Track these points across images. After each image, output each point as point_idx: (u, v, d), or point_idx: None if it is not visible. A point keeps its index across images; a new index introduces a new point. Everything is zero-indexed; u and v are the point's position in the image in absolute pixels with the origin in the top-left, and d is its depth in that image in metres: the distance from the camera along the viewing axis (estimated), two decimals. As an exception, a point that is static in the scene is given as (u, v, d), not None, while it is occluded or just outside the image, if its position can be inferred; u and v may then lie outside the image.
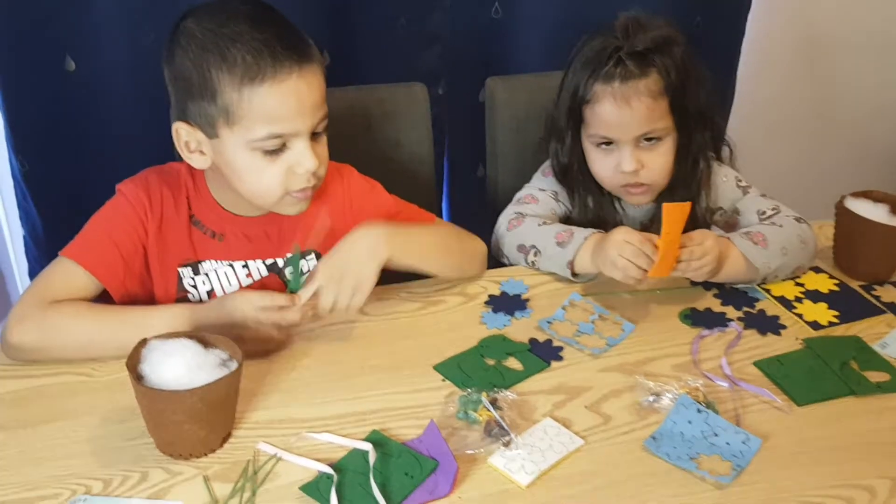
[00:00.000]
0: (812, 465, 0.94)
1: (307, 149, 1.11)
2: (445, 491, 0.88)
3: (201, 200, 1.21)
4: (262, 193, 1.14)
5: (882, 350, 1.13)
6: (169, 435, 0.91)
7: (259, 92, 1.05)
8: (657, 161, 1.33)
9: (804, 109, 2.68)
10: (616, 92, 1.28)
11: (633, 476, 0.92)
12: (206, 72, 1.06)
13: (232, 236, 1.22)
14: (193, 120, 1.10)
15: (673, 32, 1.31)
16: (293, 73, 1.07)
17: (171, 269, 1.20)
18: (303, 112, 1.09)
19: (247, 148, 1.09)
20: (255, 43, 1.05)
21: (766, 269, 1.23)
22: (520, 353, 1.12)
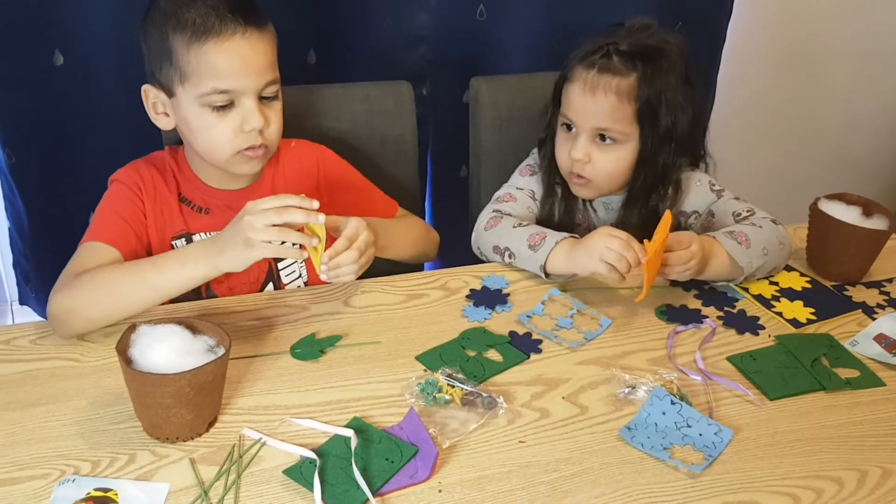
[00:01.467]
0: (782, 456, 0.97)
1: (254, 107, 1.19)
2: (425, 475, 0.91)
3: (185, 179, 1.30)
4: (214, 149, 1.22)
5: (852, 348, 1.17)
6: (156, 418, 0.93)
7: (204, 49, 1.15)
8: (605, 162, 1.35)
9: (782, 116, 2.72)
10: (588, 78, 1.32)
11: (608, 464, 0.95)
12: (164, 35, 1.17)
13: (217, 209, 1.30)
14: (157, 81, 1.21)
15: (672, 48, 1.33)
16: (237, 33, 1.16)
17: (167, 243, 1.28)
18: (246, 71, 1.18)
19: (197, 103, 1.18)
20: (206, 8, 1.16)
21: (749, 269, 1.26)
22: (500, 345, 1.15)
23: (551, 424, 1.01)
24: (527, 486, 0.91)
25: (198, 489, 0.88)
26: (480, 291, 1.27)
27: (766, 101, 2.68)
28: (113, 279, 1.11)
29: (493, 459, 0.95)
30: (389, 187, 1.56)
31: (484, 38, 2.00)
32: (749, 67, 2.56)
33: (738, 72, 2.45)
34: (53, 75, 1.70)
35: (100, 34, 1.68)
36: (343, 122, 1.53)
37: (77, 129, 1.77)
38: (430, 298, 1.26)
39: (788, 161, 2.81)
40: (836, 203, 1.34)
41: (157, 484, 0.88)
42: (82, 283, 1.10)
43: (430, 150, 2.09)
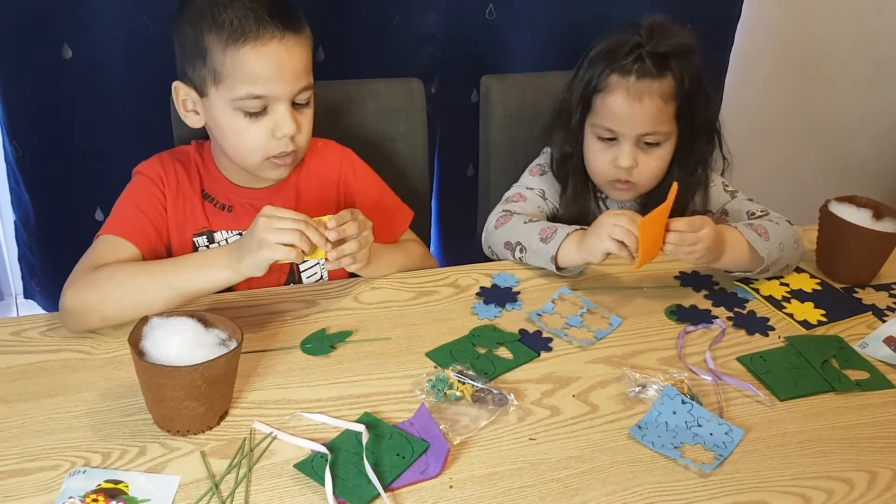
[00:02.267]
0: (793, 457, 0.97)
1: (287, 114, 1.18)
2: (436, 471, 0.91)
3: (210, 176, 1.29)
4: (243, 153, 1.21)
5: (862, 350, 1.17)
6: (167, 411, 0.93)
7: (241, 53, 1.14)
8: (651, 164, 1.37)
9: (789, 118, 2.72)
10: (630, 86, 1.31)
11: (619, 462, 0.95)
12: (199, 34, 1.15)
13: (240, 207, 1.29)
14: (189, 79, 1.20)
15: (693, 42, 1.35)
16: (274, 38, 1.15)
17: (188, 239, 1.27)
18: (282, 77, 1.16)
19: (230, 107, 1.17)
20: (244, 9, 1.14)
21: (769, 260, 1.26)
22: (510, 342, 1.15)
23: (562, 422, 1.01)
24: (537, 484, 0.91)
25: (208, 482, 0.88)
26: (490, 289, 1.27)
27: (773, 103, 2.68)
28: (135, 278, 1.10)
29: (504, 456, 0.94)
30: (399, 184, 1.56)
31: (493, 37, 1.99)
32: (757, 70, 2.56)
33: (746, 74, 2.44)
34: (62, 69, 1.70)
35: (109, 28, 1.68)
36: (353, 118, 1.53)
37: (85, 124, 1.76)
38: (440, 295, 1.26)
39: (795, 163, 2.81)
40: (847, 205, 1.34)
41: (168, 477, 0.88)
42: (100, 280, 1.10)
43: (438, 149, 2.08)
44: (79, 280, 1.11)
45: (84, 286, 1.10)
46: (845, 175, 2.86)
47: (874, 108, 2.81)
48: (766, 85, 2.63)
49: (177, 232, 1.26)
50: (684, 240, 1.18)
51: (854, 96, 2.76)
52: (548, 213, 1.45)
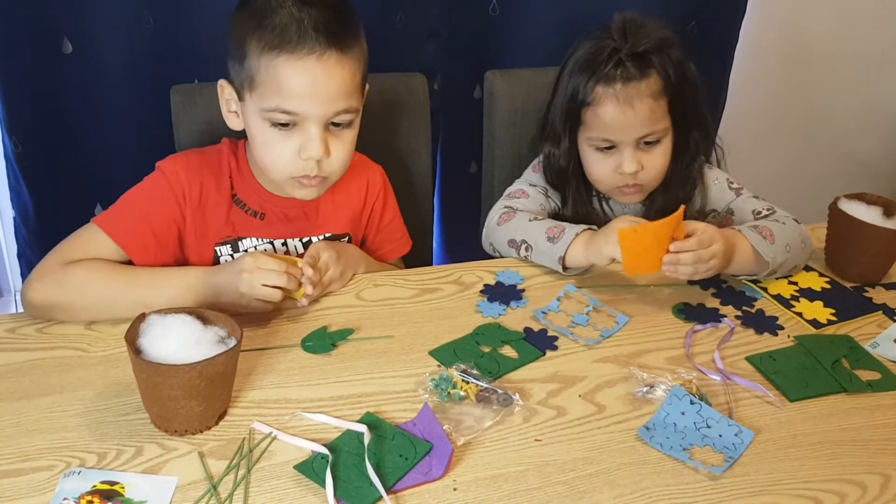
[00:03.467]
0: (804, 459, 0.95)
1: (316, 136, 1.12)
2: (439, 473, 0.89)
3: (243, 181, 1.24)
4: (269, 167, 1.17)
5: (873, 350, 1.15)
6: (165, 410, 0.91)
7: (275, 63, 1.08)
8: (656, 162, 1.35)
9: (794, 116, 2.71)
10: (619, 94, 1.29)
11: (627, 464, 0.92)
12: (243, 35, 1.11)
13: (272, 216, 1.25)
14: (232, 78, 1.16)
15: (669, 33, 1.32)
16: (313, 54, 1.08)
17: (208, 249, 1.23)
18: (314, 97, 1.10)
19: (260, 116, 1.13)
20: (290, 17, 1.08)
21: (774, 264, 1.24)
22: (515, 341, 1.12)
23: (568, 423, 0.98)
24: (543, 486, 0.89)
25: (206, 483, 0.86)
26: (495, 286, 1.25)
27: (778, 101, 2.66)
28: (108, 289, 1.08)
29: (509, 458, 0.92)
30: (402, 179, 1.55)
31: (497, 33, 1.98)
32: (762, 68, 2.54)
33: (751, 72, 2.43)
34: (62, 64, 1.68)
35: (110, 22, 1.66)
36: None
37: (85, 119, 1.75)
38: (443, 293, 1.24)
39: (801, 162, 2.80)
40: (856, 203, 1.32)
41: (165, 478, 0.86)
42: (72, 283, 1.07)
43: (440, 146, 2.06)
44: (49, 275, 1.08)
45: (54, 283, 1.07)
46: (851, 173, 2.84)
47: (880, 106, 2.79)
48: (772, 83, 2.61)
49: (195, 241, 1.21)
50: (700, 258, 1.16)
51: (860, 94, 2.74)
52: (550, 210, 1.43)
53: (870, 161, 2.88)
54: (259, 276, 1.06)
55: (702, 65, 2.01)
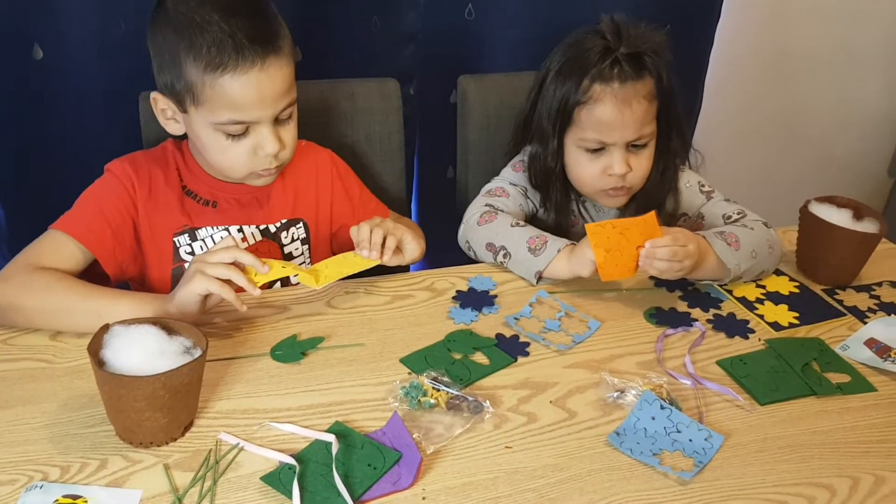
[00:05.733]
0: (774, 463, 0.95)
1: (270, 134, 1.16)
2: (408, 482, 0.88)
3: (191, 172, 1.27)
4: (227, 169, 1.20)
5: (843, 352, 1.15)
6: (129, 422, 0.89)
7: (220, 82, 1.10)
8: (642, 165, 1.35)
9: (770, 118, 2.73)
10: (616, 93, 1.28)
11: (597, 471, 0.92)
12: (175, 55, 1.11)
13: (224, 203, 1.27)
14: (167, 93, 1.17)
15: (663, 38, 1.33)
16: (255, 65, 1.11)
17: (166, 241, 1.24)
18: (264, 102, 1.14)
19: (211, 128, 1.15)
20: (221, 34, 1.09)
21: (737, 271, 1.24)
22: (486, 347, 1.12)
23: (539, 429, 0.98)
24: (513, 494, 0.88)
25: (171, 496, 0.85)
26: (467, 293, 1.25)
27: (753, 103, 2.67)
28: (68, 301, 1.08)
29: (479, 465, 0.92)
30: (375, 185, 1.54)
31: (472, 38, 1.98)
32: (737, 70, 2.55)
33: (726, 75, 2.44)
34: (33, 70, 1.66)
35: (81, 28, 1.65)
36: (329, 118, 1.51)
37: (57, 126, 1.73)
38: (415, 300, 1.23)
39: (776, 163, 2.81)
40: (827, 206, 1.32)
41: (129, 491, 0.85)
42: (34, 290, 1.07)
43: (417, 151, 2.06)
44: (15, 277, 1.09)
45: (19, 287, 1.08)
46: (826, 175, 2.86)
47: (855, 107, 2.82)
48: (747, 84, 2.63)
49: (152, 234, 1.23)
50: (675, 253, 1.16)
51: (835, 96, 2.76)
52: (528, 212, 1.42)
53: (847, 161, 2.91)
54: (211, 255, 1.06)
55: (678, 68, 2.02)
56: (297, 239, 1.33)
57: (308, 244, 1.34)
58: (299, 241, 1.34)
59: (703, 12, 2.17)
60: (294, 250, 1.34)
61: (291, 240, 1.33)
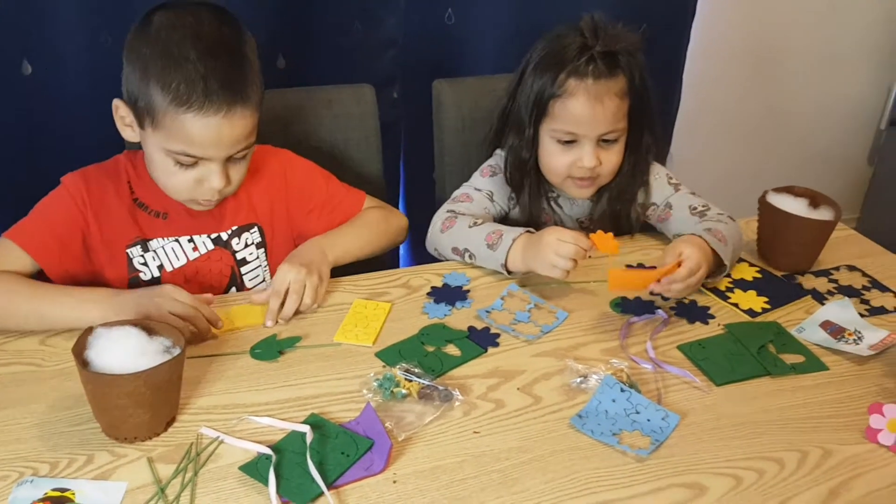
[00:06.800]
0: (727, 439, 1.00)
1: (219, 171, 1.19)
2: (380, 467, 0.93)
3: (143, 184, 1.28)
4: (170, 191, 1.24)
5: (798, 334, 1.20)
6: (114, 419, 0.95)
7: (183, 118, 1.13)
8: (612, 160, 1.40)
9: (747, 113, 2.77)
10: (590, 88, 1.33)
11: (559, 451, 0.97)
12: (146, 76, 1.13)
13: (175, 214, 1.29)
14: (130, 104, 1.18)
15: (637, 38, 1.37)
16: (220, 112, 1.13)
17: (120, 252, 1.27)
18: (219, 146, 1.17)
19: (163, 151, 1.17)
20: (194, 74, 1.11)
21: (730, 267, 1.30)
22: (458, 340, 1.17)
23: (505, 415, 1.03)
24: (479, 475, 0.93)
25: (155, 487, 0.90)
26: (441, 289, 1.30)
27: (733, 98, 2.72)
28: (12, 300, 1.13)
29: (448, 450, 0.97)
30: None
31: (453, 41, 2.01)
32: (716, 66, 2.60)
33: (703, 71, 2.48)
34: (21, 85, 1.70)
35: (70, 43, 1.68)
36: (307, 125, 1.55)
37: (45, 141, 1.76)
38: (391, 297, 1.28)
39: (754, 157, 2.86)
40: (785, 195, 1.37)
41: (115, 483, 0.90)
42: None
43: (403, 153, 2.10)
44: None
45: None
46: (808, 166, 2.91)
47: (830, 101, 2.86)
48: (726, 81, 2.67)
49: (105, 247, 1.26)
50: (689, 285, 1.21)
51: (810, 90, 2.81)
52: (495, 214, 1.47)
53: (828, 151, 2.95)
54: (169, 304, 1.11)
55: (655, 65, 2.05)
56: (252, 244, 1.35)
57: (264, 248, 1.37)
58: (254, 246, 1.35)
59: (679, 10, 2.21)
60: (248, 255, 1.35)
61: (245, 245, 1.34)
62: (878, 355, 1.16)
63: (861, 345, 1.17)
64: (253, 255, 1.36)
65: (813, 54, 2.74)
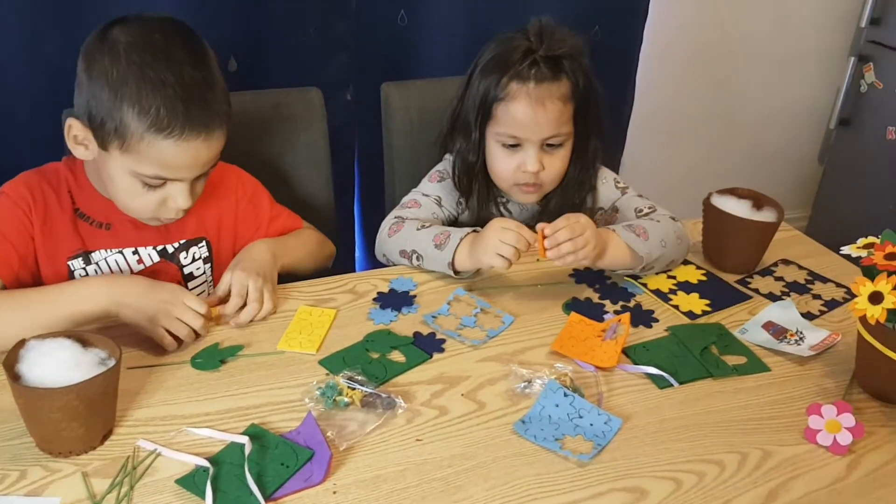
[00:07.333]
0: (668, 442, 1.01)
1: (186, 191, 1.18)
2: (319, 478, 0.92)
3: (84, 194, 1.25)
4: (131, 210, 1.21)
5: (741, 335, 1.21)
6: (47, 433, 0.93)
7: (161, 144, 1.11)
8: (556, 165, 1.40)
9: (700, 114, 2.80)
10: (531, 92, 1.33)
11: (501, 458, 0.97)
12: (118, 99, 1.09)
13: (119, 224, 1.26)
14: (91, 124, 1.13)
15: (581, 42, 1.37)
16: (200, 136, 1.12)
17: (61, 264, 1.23)
18: (194, 167, 1.16)
19: (130, 174, 1.15)
20: (174, 99, 1.09)
21: (649, 258, 1.30)
22: (403, 346, 1.16)
23: (448, 421, 1.03)
24: (420, 483, 0.93)
25: (89, 502, 0.88)
26: (388, 294, 1.29)
27: (685, 99, 2.75)
28: None
29: (389, 459, 0.96)
30: (302, 194, 1.58)
31: (406, 43, 2.01)
32: (668, 68, 2.62)
33: (656, 72, 2.50)
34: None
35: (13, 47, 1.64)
36: (252, 130, 1.53)
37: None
38: (337, 303, 1.27)
39: (707, 158, 2.89)
40: (729, 197, 1.38)
41: (47, 499, 0.88)
42: None
43: (357, 156, 2.09)
44: None
45: None
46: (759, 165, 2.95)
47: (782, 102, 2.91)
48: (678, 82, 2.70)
49: (48, 258, 1.22)
50: (577, 244, 1.21)
51: (761, 91, 2.85)
52: (443, 219, 1.46)
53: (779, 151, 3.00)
54: (179, 311, 1.10)
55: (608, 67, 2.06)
56: (199, 258, 1.34)
57: (211, 263, 1.35)
58: (201, 261, 1.34)
59: (631, 12, 2.22)
60: (195, 270, 1.34)
61: (192, 259, 1.33)
62: (819, 356, 1.17)
63: (803, 345, 1.19)
64: (200, 269, 1.34)
65: (764, 55, 2.78)
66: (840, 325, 1.26)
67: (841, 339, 1.21)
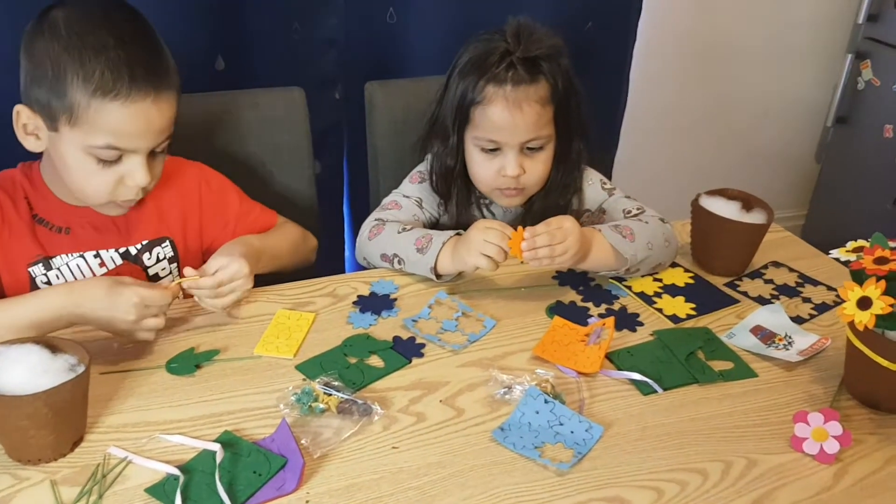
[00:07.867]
0: (651, 450, 0.98)
1: (142, 165, 1.15)
2: (292, 487, 0.90)
3: (41, 198, 1.23)
4: (87, 194, 1.18)
5: (728, 340, 1.19)
6: (15, 441, 0.91)
7: (109, 107, 1.08)
8: (537, 168, 1.37)
9: (694, 112, 2.78)
10: (508, 95, 1.30)
11: (479, 466, 0.95)
12: (61, 72, 1.08)
13: (79, 228, 1.24)
14: (37, 108, 1.11)
15: (559, 42, 1.35)
16: (148, 97, 1.10)
17: (21, 271, 1.21)
18: (147, 134, 1.13)
19: (82, 150, 1.12)
20: (118, 61, 1.07)
21: (634, 260, 1.27)
22: (382, 351, 1.14)
23: (426, 428, 1.01)
24: (396, 493, 0.91)
25: (56, 512, 0.86)
26: (368, 297, 1.27)
27: (680, 97, 2.73)
28: None
29: (365, 467, 0.94)
30: (284, 194, 1.56)
31: (394, 41, 1.99)
32: (663, 65, 2.60)
33: (650, 70, 2.48)
34: None
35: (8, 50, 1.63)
36: (231, 131, 1.51)
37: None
38: (316, 306, 1.25)
39: (702, 156, 2.87)
40: (717, 198, 1.36)
41: (12, 508, 0.86)
42: None
43: (346, 153, 2.07)
44: None
45: None
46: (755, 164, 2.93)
47: (778, 100, 2.89)
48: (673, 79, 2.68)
49: (7, 266, 1.19)
50: (554, 251, 1.19)
51: (758, 89, 2.83)
52: (424, 221, 1.44)
53: (775, 149, 2.98)
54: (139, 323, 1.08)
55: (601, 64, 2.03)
56: (164, 258, 1.31)
57: (177, 262, 1.33)
58: (166, 261, 1.31)
59: (625, 8, 2.20)
60: (161, 271, 1.31)
61: (157, 260, 1.30)
62: (807, 361, 1.15)
63: (791, 350, 1.17)
64: (166, 269, 1.32)
65: (760, 52, 2.76)
66: (830, 330, 1.23)
67: (830, 344, 1.18)
